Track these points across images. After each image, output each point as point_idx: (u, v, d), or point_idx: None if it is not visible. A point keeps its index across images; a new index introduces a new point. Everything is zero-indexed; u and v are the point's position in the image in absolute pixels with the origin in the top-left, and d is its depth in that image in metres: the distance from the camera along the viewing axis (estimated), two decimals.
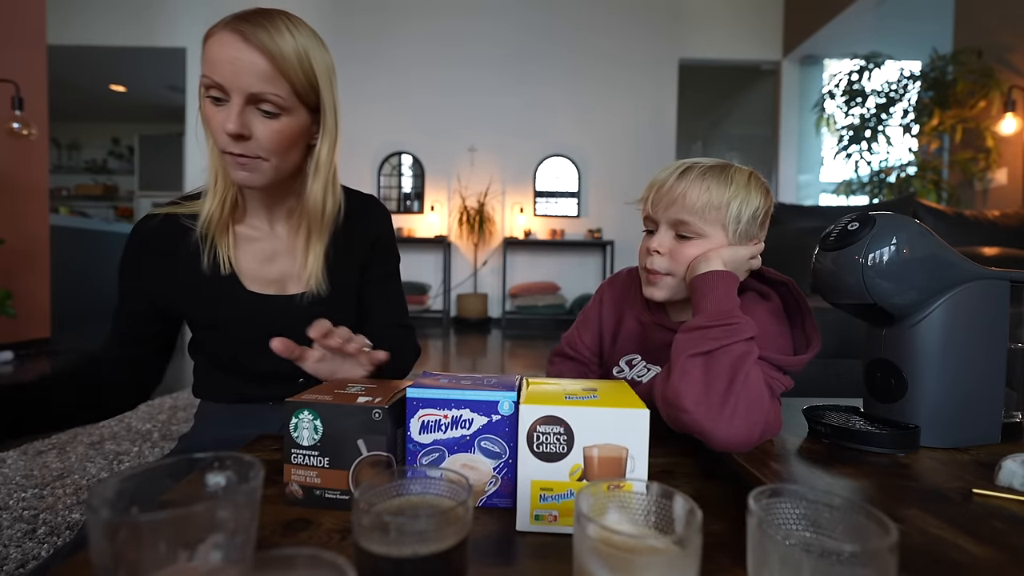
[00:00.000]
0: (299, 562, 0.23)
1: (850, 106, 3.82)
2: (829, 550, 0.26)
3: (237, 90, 0.62)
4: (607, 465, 0.43)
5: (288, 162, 0.70)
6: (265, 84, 0.62)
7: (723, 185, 0.66)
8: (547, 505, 0.44)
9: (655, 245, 0.68)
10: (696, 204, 0.65)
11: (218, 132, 0.64)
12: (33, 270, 3.20)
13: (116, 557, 0.26)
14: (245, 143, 0.64)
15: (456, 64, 5.01)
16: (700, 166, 0.67)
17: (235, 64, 0.61)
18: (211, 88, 0.63)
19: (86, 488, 1.33)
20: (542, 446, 0.43)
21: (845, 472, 0.52)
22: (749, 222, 0.66)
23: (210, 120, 0.65)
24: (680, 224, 0.67)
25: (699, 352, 0.56)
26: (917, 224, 0.60)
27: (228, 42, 0.61)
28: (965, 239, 2.20)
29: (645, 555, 0.29)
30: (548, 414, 0.43)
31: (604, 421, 0.43)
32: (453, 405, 0.47)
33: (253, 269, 0.75)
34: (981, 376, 0.60)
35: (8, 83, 2.94)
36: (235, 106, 0.62)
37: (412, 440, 0.48)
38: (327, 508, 0.47)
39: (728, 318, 0.58)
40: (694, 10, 5.13)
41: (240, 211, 0.76)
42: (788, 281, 0.69)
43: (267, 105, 0.64)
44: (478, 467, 0.47)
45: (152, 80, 5.76)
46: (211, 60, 0.62)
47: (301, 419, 0.47)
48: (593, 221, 5.08)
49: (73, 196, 6.97)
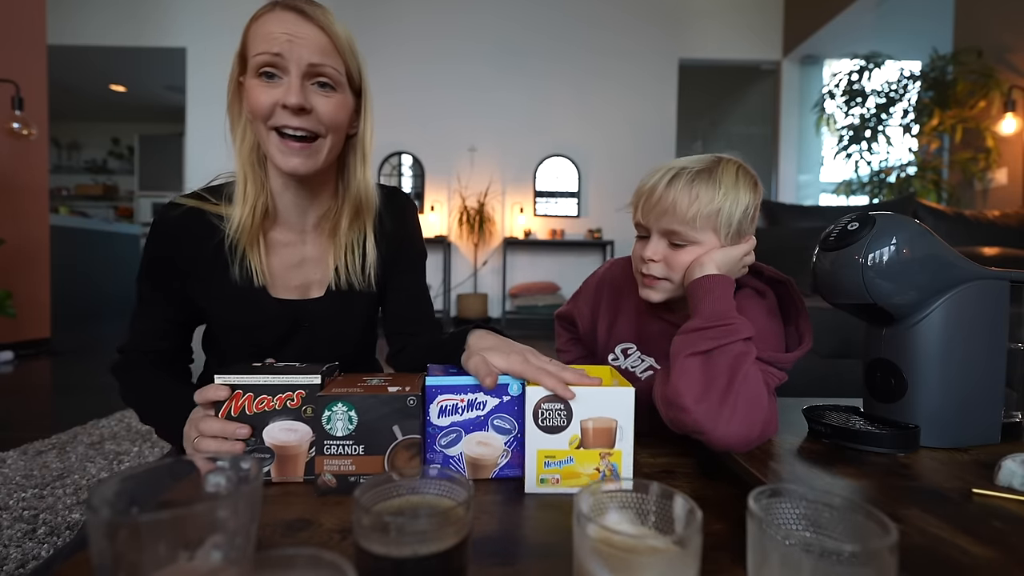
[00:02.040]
0: (299, 562, 0.23)
1: (850, 106, 3.81)
2: (829, 550, 0.26)
3: (297, 62, 0.62)
4: (600, 435, 0.51)
5: (339, 144, 0.69)
6: (324, 56, 0.64)
7: (712, 190, 0.65)
8: (550, 470, 0.52)
9: (649, 254, 0.69)
10: (687, 215, 0.65)
11: (270, 109, 0.63)
12: (33, 270, 3.20)
13: (116, 557, 0.26)
14: (305, 117, 0.64)
15: (456, 64, 5.01)
16: (688, 172, 0.66)
17: (295, 37, 0.62)
18: (266, 65, 0.62)
19: (86, 488, 1.33)
20: (546, 420, 0.51)
21: (845, 472, 0.52)
22: (740, 221, 0.67)
23: (259, 99, 0.63)
24: (671, 233, 0.67)
25: (698, 352, 0.58)
26: (917, 224, 0.60)
27: (286, 18, 0.62)
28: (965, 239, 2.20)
29: (645, 555, 0.29)
30: (552, 393, 0.51)
31: (597, 398, 0.51)
32: (469, 390, 0.54)
33: (281, 276, 0.74)
34: (981, 376, 0.60)
35: (8, 83, 2.94)
36: (295, 79, 0.62)
37: (431, 424, 0.53)
38: None
39: (725, 319, 0.59)
40: (694, 10, 5.12)
41: (270, 219, 0.73)
42: (787, 280, 0.70)
43: (325, 79, 0.64)
44: (492, 443, 0.54)
45: (152, 80, 5.76)
46: (267, 36, 0.62)
47: (334, 411, 0.50)
48: (593, 221, 5.08)
49: (73, 196, 6.96)
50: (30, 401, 2.26)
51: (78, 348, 3.42)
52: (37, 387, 2.50)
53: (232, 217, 0.69)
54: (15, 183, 3.06)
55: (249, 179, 0.69)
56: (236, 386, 0.53)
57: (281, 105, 0.63)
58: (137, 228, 5.29)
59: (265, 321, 0.73)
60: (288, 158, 0.65)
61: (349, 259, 0.75)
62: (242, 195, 0.69)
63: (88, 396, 2.27)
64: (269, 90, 0.63)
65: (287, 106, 0.62)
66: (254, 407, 0.53)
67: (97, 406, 2.06)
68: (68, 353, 3.23)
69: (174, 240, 0.70)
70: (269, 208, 0.72)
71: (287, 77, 0.63)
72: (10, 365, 2.85)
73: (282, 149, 0.64)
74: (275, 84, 0.63)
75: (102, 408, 2.04)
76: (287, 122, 0.63)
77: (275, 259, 0.74)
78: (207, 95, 4.88)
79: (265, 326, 0.74)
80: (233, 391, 0.53)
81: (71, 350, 3.33)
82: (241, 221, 0.69)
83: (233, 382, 0.53)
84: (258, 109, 0.64)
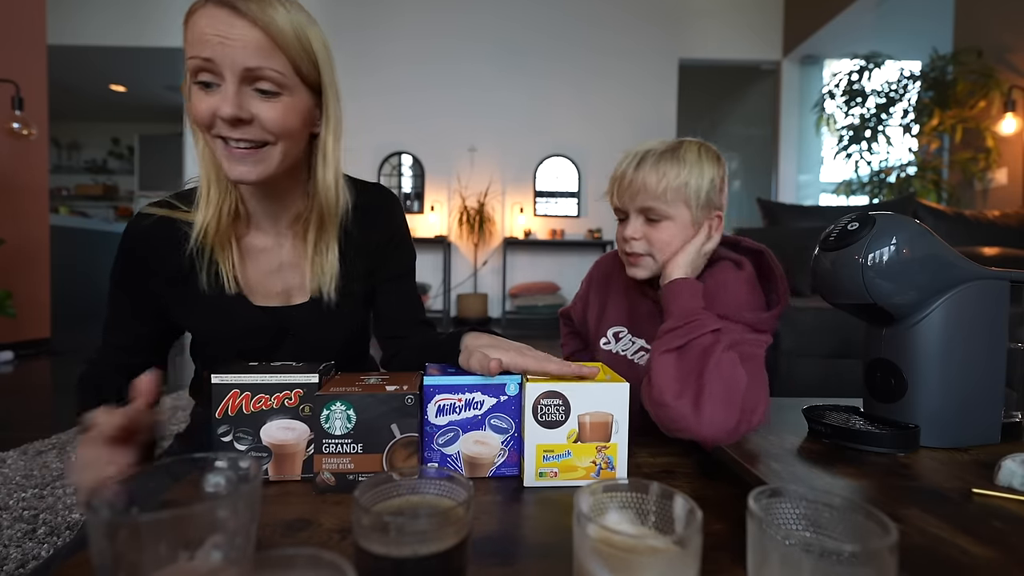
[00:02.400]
0: (299, 562, 0.23)
1: (850, 106, 3.81)
2: (829, 550, 0.26)
3: (231, 67, 0.55)
4: (597, 429, 0.53)
5: (295, 148, 0.63)
6: (262, 58, 0.56)
7: (677, 166, 0.71)
8: (549, 464, 0.53)
9: (630, 233, 0.74)
10: (657, 190, 0.71)
11: (210, 119, 0.57)
12: (33, 270, 3.20)
13: (116, 557, 0.26)
14: (245, 127, 0.58)
15: (456, 64, 5.01)
16: (653, 153, 0.72)
17: (226, 38, 0.54)
18: (199, 71, 0.56)
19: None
20: (545, 415, 0.52)
21: (845, 472, 0.52)
22: (708, 192, 0.72)
23: (198, 108, 0.57)
24: (647, 210, 0.73)
25: (671, 348, 0.63)
26: (917, 224, 0.60)
27: (217, 16, 0.55)
28: (965, 239, 2.20)
29: (645, 555, 0.29)
30: (550, 389, 0.52)
31: (594, 393, 0.52)
32: (466, 389, 0.54)
33: (260, 283, 0.71)
34: (981, 376, 0.60)
35: (8, 83, 2.94)
36: (230, 86, 0.56)
37: (429, 423, 0.54)
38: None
39: (691, 316, 0.64)
40: (694, 9, 5.12)
41: (243, 223, 0.70)
42: (763, 250, 0.75)
43: (265, 83, 0.57)
44: (489, 442, 0.55)
45: (152, 80, 5.76)
46: (198, 38, 0.55)
47: (333, 410, 0.51)
48: (593, 221, 5.08)
49: (73, 196, 6.96)
50: (30, 401, 2.27)
51: (78, 348, 3.42)
52: (37, 387, 2.50)
53: (196, 221, 0.65)
54: (15, 183, 3.06)
55: (212, 182, 0.65)
56: (233, 385, 0.53)
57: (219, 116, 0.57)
58: None
59: (248, 330, 0.70)
60: (234, 166, 0.59)
61: (321, 264, 0.71)
62: (205, 198, 0.65)
63: None
64: (207, 98, 0.57)
65: (223, 118, 0.57)
66: (251, 406, 0.53)
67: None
68: (68, 353, 3.23)
69: (145, 252, 0.67)
70: (241, 211, 0.68)
71: (223, 83, 0.56)
72: (10, 365, 2.85)
73: (227, 156, 0.59)
74: (212, 92, 0.57)
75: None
76: (227, 134, 0.58)
77: (251, 266, 0.70)
78: None
79: (248, 335, 0.71)
80: (231, 390, 0.53)
81: (71, 350, 3.33)
82: (204, 225, 0.65)
83: (230, 381, 0.53)
84: (198, 119, 0.58)
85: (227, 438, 0.53)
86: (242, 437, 0.53)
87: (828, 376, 1.66)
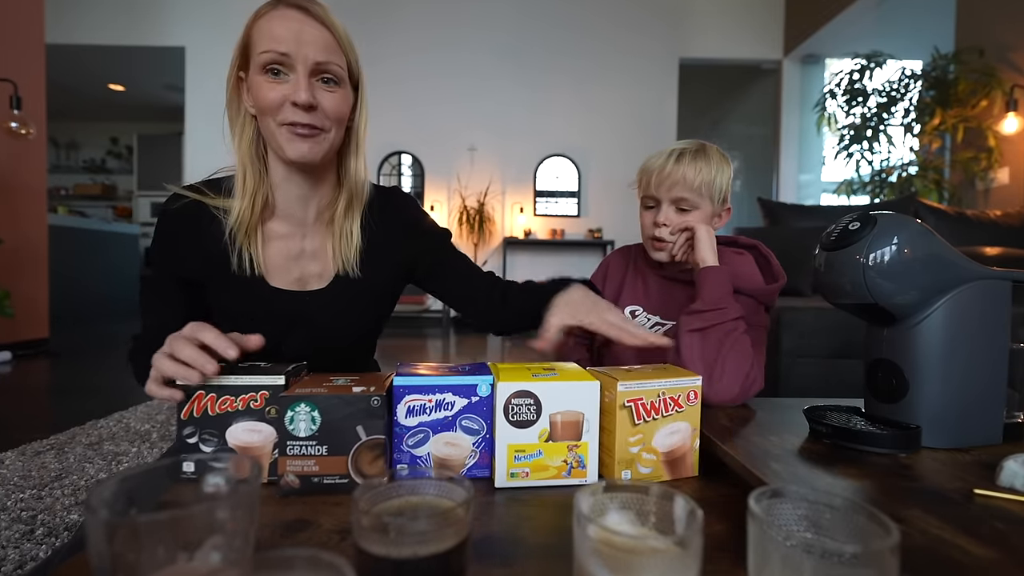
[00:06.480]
0: (299, 563, 0.23)
1: (851, 105, 3.81)
2: (830, 551, 0.26)
3: (304, 60, 0.64)
4: (568, 427, 0.53)
5: (339, 137, 0.72)
6: (328, 54, 0.66)
7: (708, 165, 0.84)
8: (520, 464, 0.53)
9: (662, 219, 0.86)
10: (695, 183, 0.83)
11: (280, 105, 0.65)
12: (31, 270, 3.20)
13: (115, 558, 0.26)
14: (313, 113, 0.66)
15: (456, 64, 5.01)
16: (688, 151, 0.85)
17: (301, 35, 0.64)
18: (272, 63, 0.64)
19: (84, 489, 1.33)
20: (516, 415, 0.52)
21: (846, 473, 0.51)
22: (724, 189, 0.86)
23: (268, 95, 0.65)
24: (680, 200, 0.85)
25: (695, 329, 0.75)
26: (918, 224, 0.59)
27: (292, 16, 0.65)
28: (967, 239, 2.20)
29: (646, 556, 0.29)
30: (521, 389, 0.52)
31: (565, 393, 0.53)
32: (437, 390, 0.53)
33: (278, 267, 0.75)
34: (983, 376, 0.60)
35: (6, 82, 2.94)
36: (302, 77, 0.65)
37: (399, 424, 0.53)
38: (326, 494, 0.49)
39: (719, 304, 0.76)
40: (695, 9, 5.12)
41: (269, 211, 0.75)
42: (756, 244, 0.89)
43: (329, 75, 0.67)
44: (460, 444, 0.54)
45: (150, 79, 5.76)
46: (273, 34, 0.64)
47: (297, 412, 0.49)
48: (593, 221, 5.08)
49: (71, 196, 6.96)
50: (28, 402, 2.26)
51: (76, 348, 3.42)
52: (35, 387, 2.49)
53: (232, 208, 0.70)
54: (13, 183, 3.05)
55: (249, 171, 0.71)
56: (199, 386, 0.52)
57: (291, 102, 0.65)
58: (136, 228, 5.28)
59: (264, 311, 0.74)
60: (297, 145, 0.67)
61: (344, 245, 0.76)
62: (241, 187, 0.71)
63: (86, 397, 2.27)
64: (277, 86, 0.65)
65: (297, 104, 0.65)
66: (216, 408, 0.52)
67: (95, 407, 2.06)
68: (66, 353, 3.23)
69: (179, 230, 0.71)
70: (268, 200, 0.73)
71: (293, 75, 0.65)
72: (8, 365, 2.85)
73: (290, 139, 0.67)
74: (281, 80, 0.65)
75: (100, 409, 2.04)
76: (296, 119, 0.65)
77: (271, 249, 0.75)
78: (206, 94, 4.88)
79: (264, 316, 0.74)
80: (196, 391, 0.52)
81: (69, 350, 3.32)
82: (240, 212, 0.70)
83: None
84: (267, 105, 0.66)
85: (192, 439, 0.52)
86: (208, 439, 0.53)
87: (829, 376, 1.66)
